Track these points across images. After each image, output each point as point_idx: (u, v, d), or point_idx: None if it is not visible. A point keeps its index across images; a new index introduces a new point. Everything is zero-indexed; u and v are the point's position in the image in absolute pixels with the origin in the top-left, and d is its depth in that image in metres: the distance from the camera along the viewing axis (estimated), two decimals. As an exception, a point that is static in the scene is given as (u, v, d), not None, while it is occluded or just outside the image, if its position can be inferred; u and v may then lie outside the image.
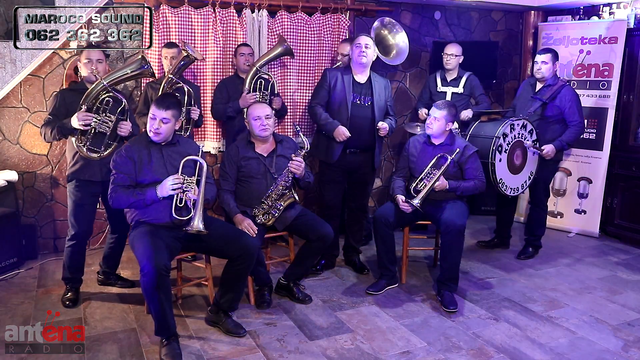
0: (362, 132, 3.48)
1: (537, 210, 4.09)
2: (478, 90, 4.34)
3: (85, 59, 3.02)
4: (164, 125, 2.72)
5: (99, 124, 2.95)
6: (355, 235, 3.82)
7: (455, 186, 3.33)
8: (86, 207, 3.12)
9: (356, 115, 3.46)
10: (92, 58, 3.02)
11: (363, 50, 3.40)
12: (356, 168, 3.60)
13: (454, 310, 3.11)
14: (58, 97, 3.06)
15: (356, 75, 3.50)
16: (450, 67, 4.27)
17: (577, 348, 2.74)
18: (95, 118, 2.92)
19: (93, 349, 2.66)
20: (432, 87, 4.41)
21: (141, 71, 3.03)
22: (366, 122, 3.49)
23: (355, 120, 3.46)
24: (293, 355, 2.64)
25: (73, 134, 2.96)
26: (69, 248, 3.14)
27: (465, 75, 4.31)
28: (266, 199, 3.15)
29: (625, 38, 4.41)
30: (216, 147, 4.25)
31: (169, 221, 2.72)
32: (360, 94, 3.48)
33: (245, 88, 3.73)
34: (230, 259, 2.82)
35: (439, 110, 3.36)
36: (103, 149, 3.01)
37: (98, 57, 3.05)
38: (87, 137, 2.96)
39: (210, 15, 4.07)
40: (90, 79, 3.03)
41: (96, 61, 3.02)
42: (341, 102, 3.46)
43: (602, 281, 3.65)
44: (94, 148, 2.99)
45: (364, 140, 3.52)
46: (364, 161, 3.59)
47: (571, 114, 3.83)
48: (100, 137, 3.00)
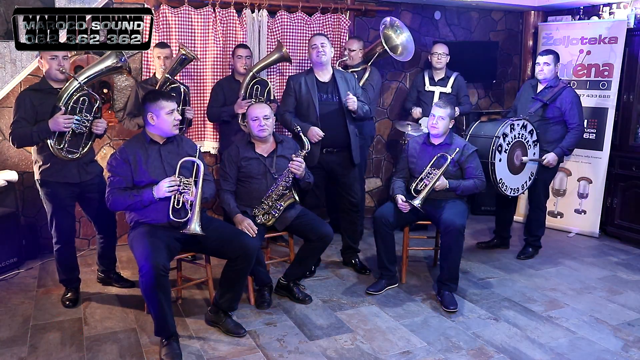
0: (334, 130, 3.49)
1: (537, 211, 4.08)
2: (463, 91, 4.39)
3: (49, 56, 2.86)
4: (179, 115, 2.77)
5: (78, 125, 2.88)
6: (351, 236, 3.80)
7: (456, 185, 3.33)
8: (67, 209, 3.06)
9: (325, 113, 3.48)
10: (57, 54, 2.87)
11: (320, 49, 3.44)
12: (335, 167, 3.60)
13: (454, 310, 3.11)
14: (24, 100, 2.88)
15: (319, 75, 3.52)
16: (440, 66, 4.31)
17: (577, 348, 2.74)
18: (75, 119, 2.85)
19: (93, 349, 2.66)
20: (419, 86, 4.45)
21: (119, 65, 2.93)
22: (336, 119, 3.50)
23: (325, 119, 3.47)
24: (293, 355, 2.64)
25: (50, 137, 2.85)
26: (57, 252, 3.11)
27: (453, 76, 4.36)
28: (266, 199, 3.15)
29: (625, 38, 4.41)
30: (215, 147, 4.25)
31: (167, 222, 2.72)
32: (326, 93, 3.51)
33: (241, 94, 3.72)
34: (230, 259, 2.81)
35: (443, 108, 3.36)
36: (81, 149, 2.95)
37: (64, 53, 2.91)
38: (66, 139, 2.88)
39: (210, 15, 4.07)
40: (57, 77, 2.90)
41: (62, 57, 2.89)
42: (308, 103, 3.48)
43: (602, 281, 3.65)
44: (71, 149, 2.92)
45: (338, 138, 3.53)
46: (341, 159, 3.60)
47: (571, 116, 3.83)
48: (78, 138, 2.93)
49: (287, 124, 3.52)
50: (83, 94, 2.90)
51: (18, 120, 2.87)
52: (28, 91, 2.97)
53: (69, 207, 3.09)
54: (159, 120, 2.72)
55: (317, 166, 3.54)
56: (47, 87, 2.93)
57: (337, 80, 3.52)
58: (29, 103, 2.88)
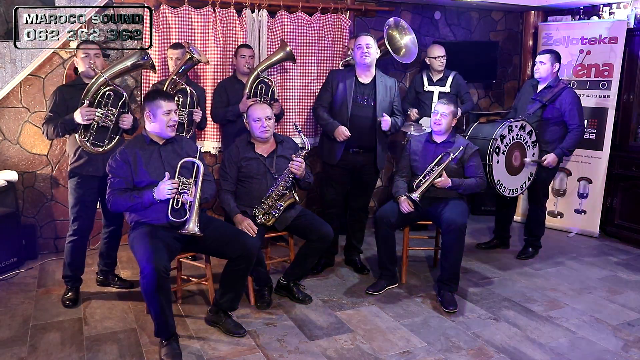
0: (363, 132, 3.48)
1: (536, 211, 4.08)
2: (464, 89, 4.38)
3: (82, 54, 3.02)
4: (177, 116, 2.79)
5: (102, 118, 2.96)
6: (356, 235, 3.82)
7: (458, 183, 3.33)
8: (88, 203, 3.12)
9: (357, 114, 3.46)
10: (89, 52, 3.01)
11: (365, 50, 3.39)
12: (359, 168, 3.60)
13: (454, 310, 3.11)
14: (57, 94, 3.05)
15: (360, 77, 3.49)
16: (441, 68, 4.30)
17: (577, 348, 2.74)
18: (98, 112, 2.93)
19: (93, 349, 2.66)
20: (417, 86, 4.43)
21: (142, 63, 3.01)
22: (367, 122, 3.49)
23: (356, 120, 3.46)
24: (293, 355, 2.64)
25: (76, 129, 2.96)
26: (70, 244, 3.14)
27: (451, 75, 4.35)
28: (266, 199, 3.15)
29: (625, 38, 4.41)
30: (216, 147, 4.24)
31: (167, 222, 2.72)
32: (363, 94, 3.47)
33: (246, 92, 3.72)
34: (230, 259, 2.81)
35: (446, 105, 3.36)
36: (106, 143, 3.02)
37: (95, 51, 3.04)
38: (91, 132, 2.97)
39: (210, 15, 4.06)
40: (89, 74, 3.01)
41: (94, 55, 3.01)
42: (342, 102, 3.46)
43: (602, 281, 3.65)
44: (97, 142, 3.00)
45: (365, 140, 3.52)
46: (366, 161, 3.59)
47: (571, 117, 3.82)
48: (103, 131, 3.00)
49: (318, 119, 3.54)
50: (109, 89, 2.98)
51: (50, 114, 3.02)
52: (63, 87, 3.19)
53: (91, 202, 3.14)
54: (155, 120, 2.73)
55: (341, 165, 3.55)
56: (80, 83, 3.06)
57: (377, 84, 3.48)
58: (61, 98, 3.03)
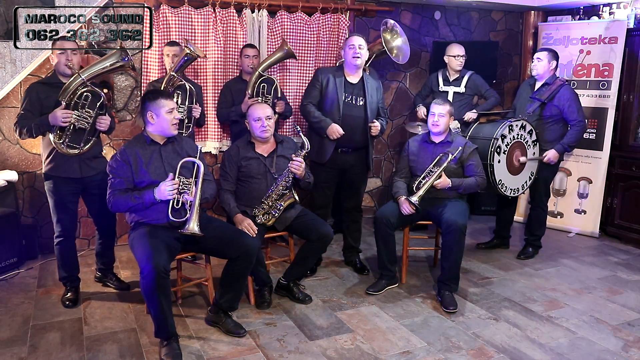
0: (354, 132, 3.47)
1: (537, 211, 4.08)
2: (484, 87, 4.34)
3: (59, 50, 2.93)
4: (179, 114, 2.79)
5: (79, 120, 2.90)
6: (353, 235, 3.82)
7: (458, 184, 3.33)
8: (68, 205, 3.08)
9: (348, 114, 3.45)
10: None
11: (357, 51, 3.37)
12: (348, 168, 3.59)
13: (454, 310, 3.11)
14: (31, 92, 2.95)
15: (348, 76, 3.48)
16: (460, 67, 4.27)
17: (577, 348, 2.74)
18: (74, 115, 2.87)
19: (93, 349, 2.66)
20: (434, 86, 4.40)
21: (122, 64, 2.94)
22: (358, 122, 3.48)
23: (348, 120, 3.45)
24: (293, 355, 2.64)
25: (51, 130, 2.89)
26: (58, 246, 3.12)
27: (467, 75, 4.30)
28: (266, 199, 3.15)
29: (625, 38, 4.41)
30: (217, 147, 4.25)
31: (167, 222, 2.72)
32: (352, 94, 3.47)
33: (248, 93, 3.72)
34: (230, 259, 2.81)
35: (442, 106, 3.37)
36: (82, 145, 2.96)
37: (73, 48, 2.95)
38: (66, 133, 2.91)
39: (210, 15, 4.07)
40: (65, 72, 2.94)
41: (71, 52, 2.93)
42: (333, 101, 3.45)
43: (602, 281, 3.65)
44: (73, 144, 2.94)
45: (356, 140, 3.51)
46: (356, 161, 3.59)
47: (571, 113, 3.81)
48: (79, 133, 2.94)
49: (309, 116, 3.49)
50: (86, 90, 2.92)
51: (23, 112, 2.94)
52: (37, 84, 3.06)
53: (70, 203, 3.10)
54: (158, 119, 2.72)
55: (330, 165, 3.53)
56: (56, 81, 2.98)
57: (365, 84, 3.48)
58: (35, 96, 2.95)
